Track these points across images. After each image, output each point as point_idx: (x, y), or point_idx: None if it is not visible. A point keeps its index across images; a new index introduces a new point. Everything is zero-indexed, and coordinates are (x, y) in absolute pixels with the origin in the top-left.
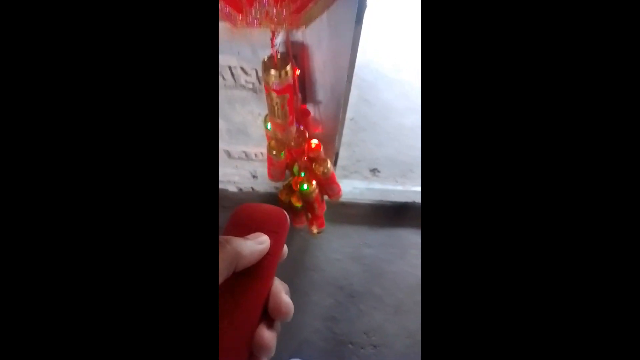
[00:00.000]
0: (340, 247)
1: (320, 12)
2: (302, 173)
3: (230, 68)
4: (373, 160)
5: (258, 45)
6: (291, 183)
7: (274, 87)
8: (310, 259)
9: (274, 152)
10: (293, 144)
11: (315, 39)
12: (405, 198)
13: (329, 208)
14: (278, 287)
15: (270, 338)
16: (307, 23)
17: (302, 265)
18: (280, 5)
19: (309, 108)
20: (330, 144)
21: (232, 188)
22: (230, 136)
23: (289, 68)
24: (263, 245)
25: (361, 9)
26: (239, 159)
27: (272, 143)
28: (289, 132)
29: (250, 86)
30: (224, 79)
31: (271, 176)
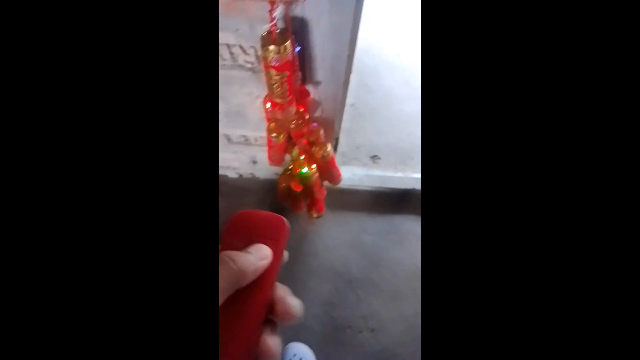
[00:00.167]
0: (338, 234)
1: None
2: (302, 157)
3: (228, 46)
4: (373, 147)
5: (256, 20)
6: (290, 167)
7: (273, 64)
8: (308, 246)
9: (274, 135)
10: (293, 126)
11: (315, 14)
12: (404, 185)
13: (329, 195)
14: (281, 292)
15: (275, 344)
16: None
17: (300, 251)
18: None
19: (309, 89)
20: (330, 127)
21: (232, 174)
22: (228, 119)
23: (288, 43)
24: (265, 261)
25: None
26: (238, 144)
27: (272, 125)
28: (288, 113)
29: (249, 66)
30: (223, 59)
31: (271, 160)
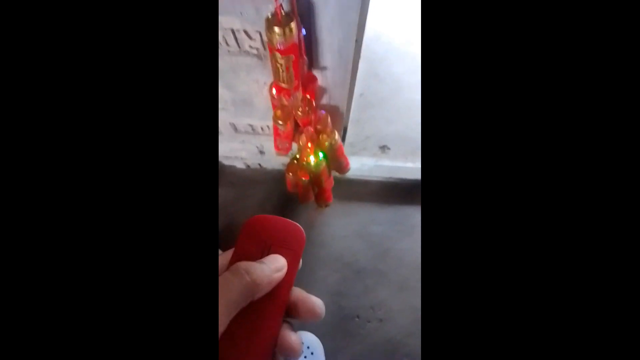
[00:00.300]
0: (347, 225)
1: None
2: (309, 145)
3: (233, 32)
4: (382, 137)
5: (261, 1)
6: (297, 156)
7: (278, 47)
8: (317, 236)
9: (280, 122)
10: (300, 113)
11: None
12: (414, 175)
13: (338, 185)
14: (301, 293)
15: (297, 341)
16: None
17: (309, 241)
18: None
19: (316, 75)
20: (338, 115)
21: (240, 164)
22: (235, 107)
23: (294, 25)
24: (280, 272)
25: None
26: (246, 133)
27: (278, 113)
28: (295, 99)
29: (254, 52)
30: (228, 45)
31: (277, 148)
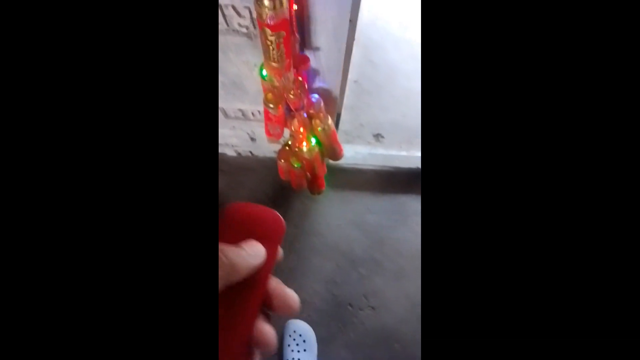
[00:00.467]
0: (342, 213)
1: None
2: (301, 130)
3: (221, 7)
4: (377, 125)
5: None
6: (289, 143)
7: (268, 22)
8: (311, 224)
9: (271, 105)
10: (292, 95)
11: None
12: (409, 164)
13: (332, 174)
14: (278, 285)
15: (271, 332)
16: None
17: (303, 230)
18: None
19: (309, 55)
20: (331, 100)
21: (231, 152)
22: (225, 91)
23: None
24: (258, 259)
25: None
26: (236, 119)
27: (269, 96)
28: (287, 79)
29: (244, 30)
30: None
31: (269, 134)
